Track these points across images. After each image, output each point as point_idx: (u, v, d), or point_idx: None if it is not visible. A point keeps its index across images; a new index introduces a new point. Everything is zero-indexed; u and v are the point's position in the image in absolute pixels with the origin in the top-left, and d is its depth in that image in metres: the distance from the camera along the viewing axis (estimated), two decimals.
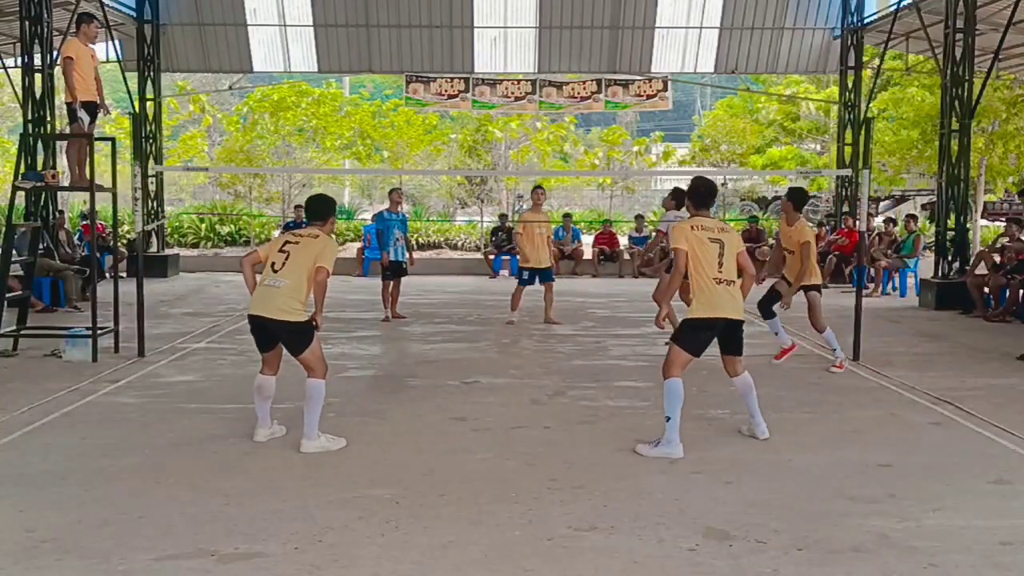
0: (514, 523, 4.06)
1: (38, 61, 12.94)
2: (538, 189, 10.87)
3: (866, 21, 17.10)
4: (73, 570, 3.54)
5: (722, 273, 5.15)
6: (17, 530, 3.92)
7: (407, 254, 11.02)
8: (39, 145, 12.63)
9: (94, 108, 9.05)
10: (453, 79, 18.13)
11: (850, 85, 17.51)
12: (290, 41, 18.16)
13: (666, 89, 18.25)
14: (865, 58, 17.89)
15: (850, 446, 5.41)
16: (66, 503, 4.27)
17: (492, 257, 17.57)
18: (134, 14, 16.88)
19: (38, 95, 12.96)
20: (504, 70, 18.53)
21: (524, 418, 6.07)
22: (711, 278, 5.12)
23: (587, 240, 19.28)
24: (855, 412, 6.28)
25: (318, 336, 5.28)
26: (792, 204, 7.77)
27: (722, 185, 25.41)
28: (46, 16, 12.86)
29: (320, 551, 3.72)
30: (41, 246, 10.64)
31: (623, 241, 19.23)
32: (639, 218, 19.78)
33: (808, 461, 5.06)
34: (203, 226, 22.10)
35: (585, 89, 18.31)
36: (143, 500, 4.33)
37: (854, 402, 6.61)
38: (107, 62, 14.89)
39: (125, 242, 17.12)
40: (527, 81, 18.38)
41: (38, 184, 9.50)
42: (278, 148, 23.29)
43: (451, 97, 18.23)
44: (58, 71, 11.25)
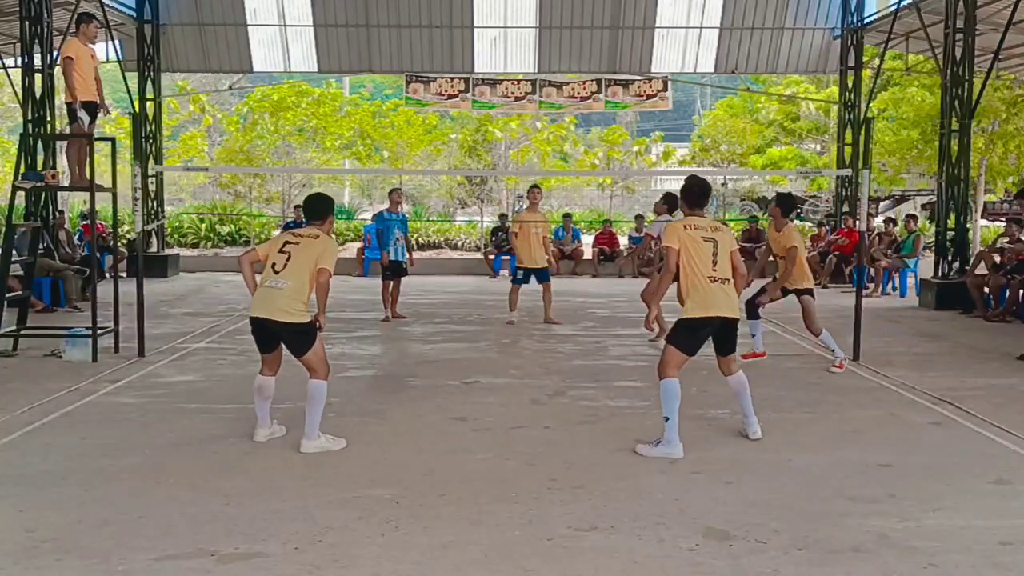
0: (514, 523, 4.06)
1: (38, 61, 12.94)
2: (534, 188, 10.91)
3: (866, 21, 17.10)
4: (73, 570, 3.54)
5: (716, 272, 5.15)
6: (17, 530, 3.92)
7: (407, 254, 11.03)
8: (39, 145, 12.63)
9: (94, 108, 9.05)
10: (453, 79, 18.13)
11: (850, 85, 17.50)
12: (290, 41, 18.16)
13: (666, 89, 18.25)
14: (865, 58, 17.89)
15: (850, 446, 5.41)
16: (66, 503, 4.27)
17: (492, 257, 17.58)
18: (134, 14, 16.88)
19: (38, 95, 12.96)
20: (504, 70, 18.53)
21: (524, 418, 6.07)
22: (705, 277, 5.12)
23: (587, 240, 19.28)
24: (855, 412, 6.28)
25: (321, 337, 5.28)
26: (780, 210, 7.83)
27: (722, 185, 25.48)
28: (46, 16, 12.86)
29: (320, 551, 3.72)
30: (41, 246, 10.64)
31: (623, 241, 19.24)
32: (639, 218, 19.76)
33: (808, 461, 5.06)
34: (203, 226, 22.10)
35: (585, 89, 18.31)
36: (143, 500, 4.33)
37: (854, 402, 6.61)
38: (107, 62, 14.89)
39: (125, 242, 17.12)
40: (527, 81, 18.37)
41: (38, 184, 9.50)
42: (278, 148, 23.29)
43: (451, 97, 18.23)
44: (58, 71, 11.25)
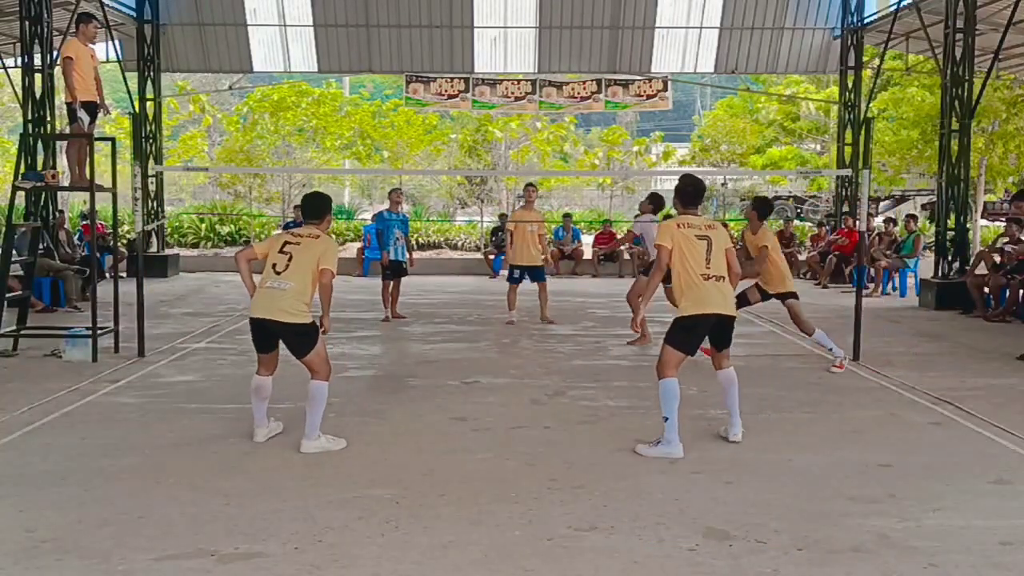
0: (514, 523, 4.06)
1: (38, 61, 12.94)
2: (529, 187, 10.96)
3: (866, 21, 17.10)
4: (73, 570, 3.54)
5: (710, 269, 5.14)
6: (17, 530, 3.92)
7: (407, 254, 11.03)
8: (39, 145, 12.63)
9: (94, 108, 9.05)
10: (453, 79, 18.13)
11: (850, 85, 17.51)
12: (290, 41, 18.17)
13: (666, 89, 18.26)
14: (865, 58, 17.90)
15: (850, 446, 5.41)
16: (66, 503, 4.27)
17: (492, 257, 17.56)
18: (134, 14, 16.88)
19: (38, 95, 12.97)
20: (504, 70, 18.54)
21: (524, 418, 6.06)
22: (699, 274, 5.11)
23: (587, 240, 19.28)
24: (855, 412, 6.28)
25: (323, 338, 5.26)
26: (757, 214, 7.85)
27: (722, 185, 25.50)
28: (46, 16, 12.86)
29: (320, 551, 3.72)
30: (41, 246, 10.64)
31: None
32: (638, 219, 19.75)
33: (808, 461, 5.06)
34: (203, 226, 22.10)
35: (585, 89, 18.31)
36: (143, 500, 4.33)
37: (854, 402, 6.60)
38: (107, 62, 14.90)
39: (125, 242, 17.13)
40: (527, 81, 18.38)
41: (38, 184, 9.50)
42: (278, 148, 23.29)
43: (451, 97, 18.24)
44: (58, 71, 11.25)
